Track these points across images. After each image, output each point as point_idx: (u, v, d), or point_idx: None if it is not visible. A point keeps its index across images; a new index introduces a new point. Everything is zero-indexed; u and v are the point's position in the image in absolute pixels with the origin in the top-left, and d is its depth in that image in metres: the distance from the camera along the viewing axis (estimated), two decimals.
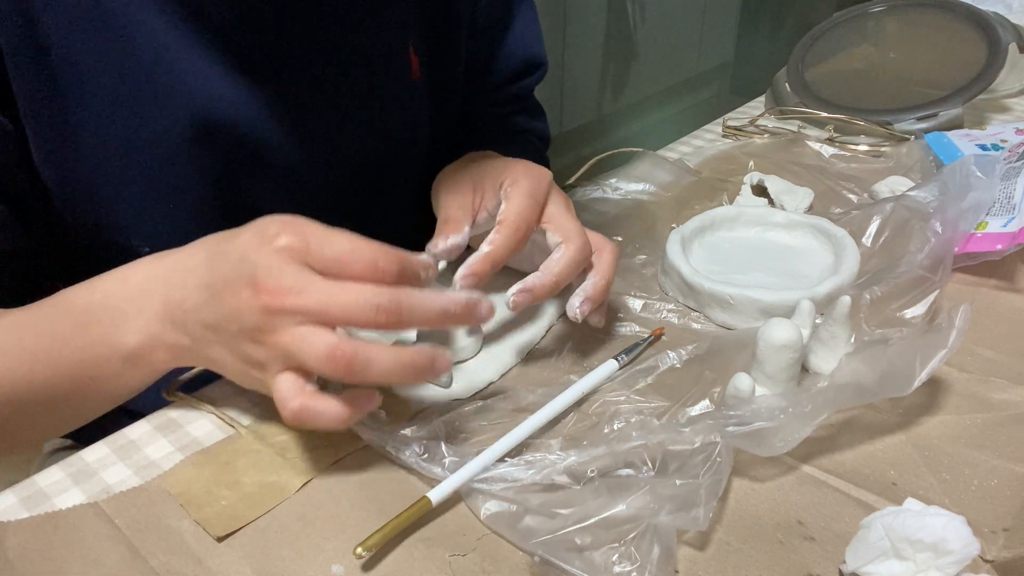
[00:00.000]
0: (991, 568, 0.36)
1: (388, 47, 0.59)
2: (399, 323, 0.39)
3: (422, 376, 0.40)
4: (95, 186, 0.50)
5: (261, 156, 0.54)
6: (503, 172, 0.52)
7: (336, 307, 0.38)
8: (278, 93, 0.53)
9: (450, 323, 0.41)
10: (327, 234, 0.39)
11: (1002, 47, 0.84)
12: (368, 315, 0.38)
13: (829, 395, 0.41)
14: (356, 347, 0.37)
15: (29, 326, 0.44)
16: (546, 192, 0.52)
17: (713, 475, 0.37)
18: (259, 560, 0.37)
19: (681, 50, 3.12)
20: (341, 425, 0.39)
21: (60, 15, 0.45)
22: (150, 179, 0.51)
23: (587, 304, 0.49)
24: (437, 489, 0.39)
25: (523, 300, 0.48)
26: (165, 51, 0.48)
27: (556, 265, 0.49)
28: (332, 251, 0.39)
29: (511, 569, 0.37)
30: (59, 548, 0.38)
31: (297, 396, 0.38)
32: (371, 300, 0.38)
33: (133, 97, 0.48)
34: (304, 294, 0.38)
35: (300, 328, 0.37)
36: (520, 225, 0.49)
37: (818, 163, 0.76)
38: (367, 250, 0.39)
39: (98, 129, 0.48)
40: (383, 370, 0.38)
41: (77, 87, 0.47)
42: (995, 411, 0.45)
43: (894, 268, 0.52)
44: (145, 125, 0.49)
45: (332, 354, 0.37)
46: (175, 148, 0.50)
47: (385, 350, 0.38)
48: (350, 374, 0.37)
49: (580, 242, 0.50)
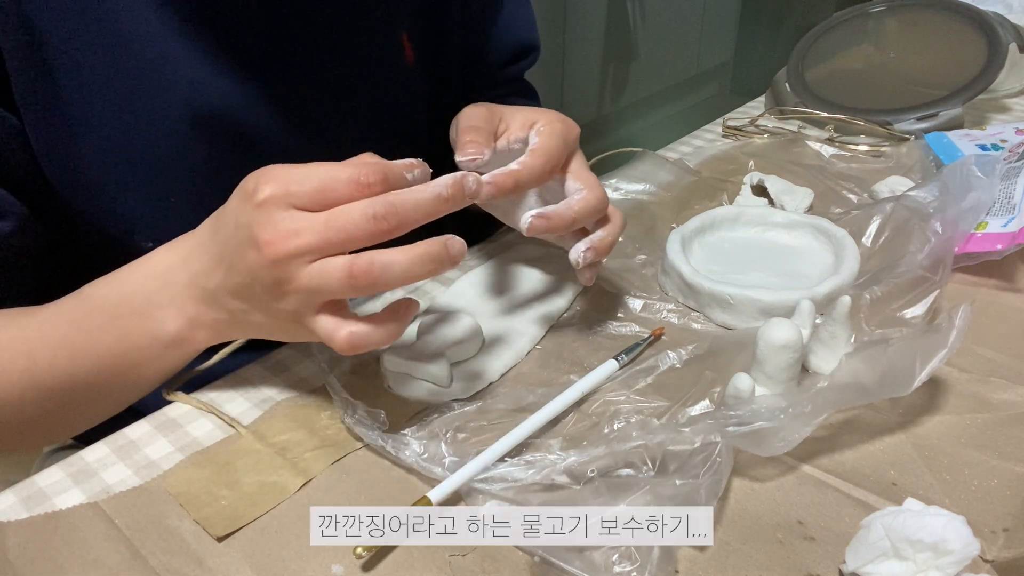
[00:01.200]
0: (991, 568, 0.36)
1: (381, 33, 0.59)
2: (400, 224, 0.39)
3: (441, 263, 0.40)
4: (96, 182, 0.50)
5: (259, 145, 0.54)
6: (536, 115, 0.53)
7: (335, 232, 0.38)
8: (273, 82, 0.53)
9: (447, 207, 0.41)
10: (303, 170, 0.40)
11: (1002, 47, 0.84)
12: (368, 227, 0.38)
13: (829, 395, 0.41)
14: (371, 255, 0.38)
15: (64, 321, 0.45)
16: (576, 141, 0.53)
17: (713, 475, 0.37)
18: (259, 560, 0.37)
19: (681, 50, 3.11)
20: (392, 338, 0.40)
21: (56, 11, 0.46)
22: (150, 173, 0.51)
23: (591, 252, 0.50)
24: (437, 489, 0.39)
25: (540, 224, 0.48)
26: (160, 43, 0.48)
27: (576, 204, 0.49)
28: (312, 184, 0.39)
29: (511, 569, 0.37)
30: (59, 548, 0.38)
31: (341, 327, 0.39)
32: (366, 211, 0.38)
33: (130, 90, 0.49)
34: (302, 233, 0.38)
35: (312, 266, 0.39)
36: (550, 157, 0.49)
37: (818, 163, 0.76)
38: (346, 170, 0.40)
39: (97, 124, 0.49)
40: (403, 268, 0.39)
41: (75, 83, 0.47)
42: (995, 411, 0.45)
43: (894, 268, 0.52)
44: (143, 117, 0.49)
45: (351, 271, 0.38)
46: (174, 139, 0.51)
47: (398, 250, 0.39)
48: (372, 283, 0.38)
49: (600, 192, 0.50)
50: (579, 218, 0.49)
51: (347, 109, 0.59)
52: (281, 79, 0.54)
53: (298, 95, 0.55)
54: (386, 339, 0.40)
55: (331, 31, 0.56)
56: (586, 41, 2.62)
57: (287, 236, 0.38)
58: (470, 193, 0.41)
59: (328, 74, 0.56)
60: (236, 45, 0.51)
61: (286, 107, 0.54)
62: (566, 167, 0.52)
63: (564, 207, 0.49)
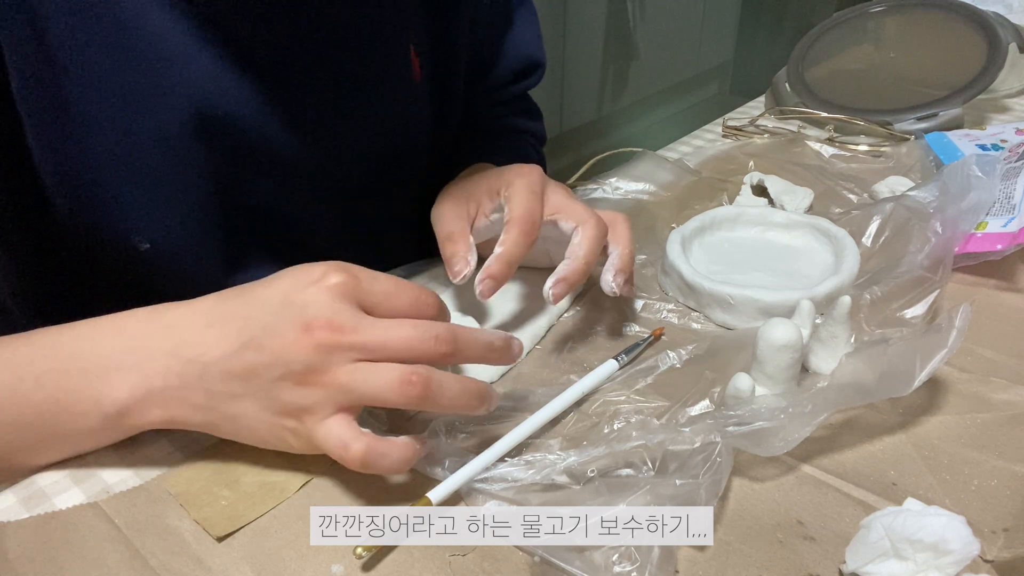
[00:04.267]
0: (991, 568, 0.36)
1: (390, 46, 0.59)
2: (455, 353, 0.39)
3: (483, 404, 0.40)
4: (95, 179, 0.50)
5: (262, 152, 0.54)
6: (496, 180, 0.53)
7: (395, 339, 0.38)
8: (279, 90, 0.53)
9: (492, 357, 0.42)
10: (373, 272, 0.40)
11: (1002, 47, 0.84)
12: (428, 345, 0.38)
13: (829, 395, 0.41)
14: (430, 370, 0.38)
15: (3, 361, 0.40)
16: (542, 184, 0.52)
17: (713, 475, 0.37)
18: (259, 560, 0.37)
19: (681, 50, 3.12)
20: (405, 467, 0.38)
21: (61, 7, 0.45)
22: (151, 173, 0.51)
23: (620, 276, 0.50)
24: (437, 489, 0.39)
25: (562, 290, 0.48)
26: (166, 44, 0.48)
27: (580, 248, 0.49)
28: (381, 285, 0.40)
29: (511, 569, 0.37)
30: (59, 548, 0.38)
31: (360, 438, 0.37)
32: (429, 330, 0.38)
33: (133, 90, 0.48)
34: (361, 330, 0.38)
35: (359, 363, 0.37)
36: (528, 220, 0.49)
37: (818, 163, 0.76)
38: (409, 286, 0.41)
39: (99, 121, 0.48)
40: (454, 394, 0.38)
41: (78, 80, 0.47)
42: (995, 411, 0.45)
43: (894, 268, 0.52)
44: (145, 118, 0.49)
45: (408, 379, 0.37)
46: (175, 142, 0.50)
47: (455, 378, 0.39)
48: (423, 397, 0.37)
49: (594, 221, 0.50)
50: (590, 259, 0.49)
51: (352, 121, 0.58)
52: (288, 88, 0.54)
53: (304, 104, 0.55)
54: (399, 466, 0.38)
55: (340, 42, 0.55)
56: (586, 41, 2.62)
57: (344, 327, 0.37)
58: (513, 356, 0.43)
59: (335, 85, 0.56)
60: (244, 52, 0.51)
61: (291, 116, 0.54)
62: (548, 209, 0.52)
63: (573, 259, 0.49)
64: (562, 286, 0.48)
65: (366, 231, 0.64)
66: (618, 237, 0.52)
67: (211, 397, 0.39)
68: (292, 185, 0.57)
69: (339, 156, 0.59)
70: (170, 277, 0.54)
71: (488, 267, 0.48)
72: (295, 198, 0.58)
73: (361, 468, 0.37)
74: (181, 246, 0.54)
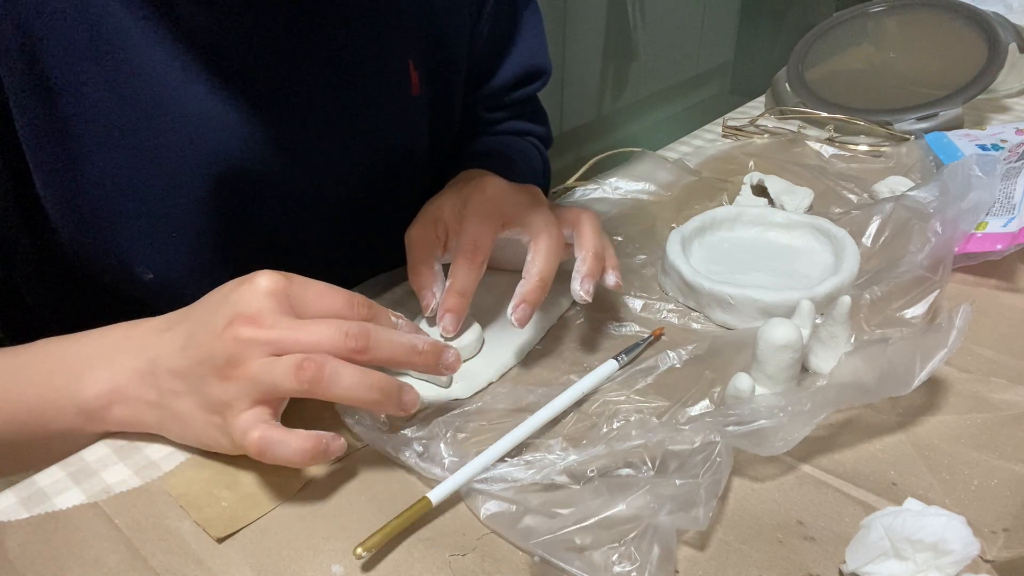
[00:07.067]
0: (991, 568, 0.36)
1: (388, 64, 0.59)
2: (366, 350, 0.40)
3: (385, 402, 0.40)
4: (98, 213, 0.50)
5: (262, 178, 0.54)
6: (456, 200, 0.53)
7: (307, 335, 0.39)
8: (279, 116, 0.53)
9: (417, 361, 0.42)
10: (307, 278, 0.42)
11: (1002, 47, 0.84)
12: (337, 340, 0.39)
13: (829, 395, 0.41)
14: (326, 358, 0.38)
15: (4, 365, 0.43)
16: (496, 198, 0.52)
17: (713, 475, 0.37)
18: (259, 560, 0.37)
19: (681, 50, 3.11)
20: (303, 460, 0.39)
21: (61, 47, 0.45)
22: (153, 206, 0.51)
23: (587, 281, 0.49)
24: (437, 489, 0.39)
25: (524, 314, 0.48)
26: (165, 78, 0.48)
27: (534, 266, 0.49)
28: (313, 289, 0.41)
29: (511, 569, 0.37)
30: (59, 548, 0.38)
31: (259, 426, 0.38)
32: (340, 327, 0.40)
33: (134, 126, 0.48)
34: (278, 326, 0.39)
35: (266, 357, 0.39)
36: (472, 248, 0.49)
37: (818, 163, 0.76)
38: (341, 291, 0.42)
39: (100, 158, 0.48)
40: (350, 383, 0.39)
41: (79, 117, 0.47)
42: (995, 411, 0.45)
43: (894, 268, 0.52)
44: (147, 153, 0.49)
45: (301, 364, 0.38)
46: (175, 174, 0.50)
47: (356, 368, 0.39)
48: (316, 381, 0.38)
49: (547, 232, 0.50)
50: (546, 276, 0.49)
51: (350, 139, 0.58)
52: (287, 115, 0.54)
53: (303, 129, 0.55)
54: (296, 457, 0.38)
55: (339, 65, 0.55)
56: (586, 41, 2.61)
57: (262, 323, 0.39)
58: (445, 367, 0.43)
59: (333, 105, 0.56)
60: (244, 81, 0.51)
61: (291, 142, 0.54)
62: (506, 220, 0.51)
63: (527, 280, 0.49)
64: (523, 309, 0.48)
65: (366, 248, 0.63)
66: (583, 240, 0.51)
67: (161, 395, 0.42)
68: (291, 206, 0.57)
69: (339, 177, 0.59)
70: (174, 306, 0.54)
71: (444, 302, 0.48)
72: (296, 221, 0.58)
73: (258, 456, 0.38)
74: (184, 276, 0.54)
